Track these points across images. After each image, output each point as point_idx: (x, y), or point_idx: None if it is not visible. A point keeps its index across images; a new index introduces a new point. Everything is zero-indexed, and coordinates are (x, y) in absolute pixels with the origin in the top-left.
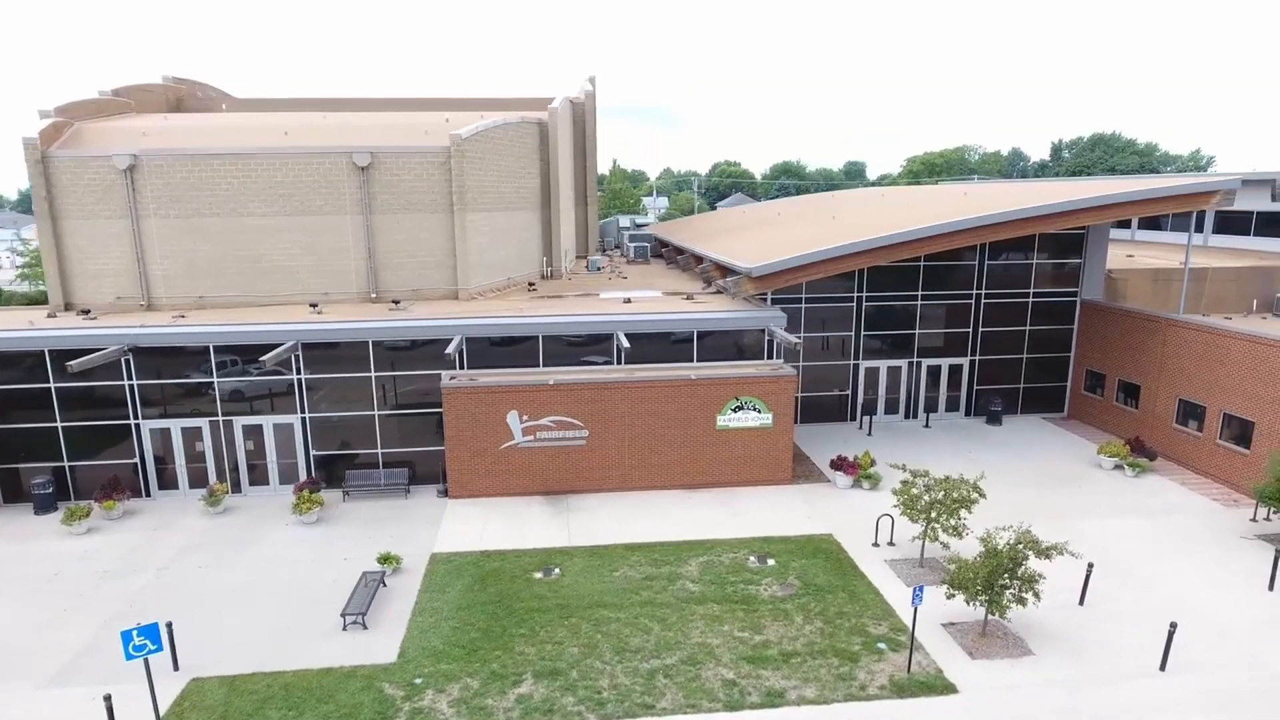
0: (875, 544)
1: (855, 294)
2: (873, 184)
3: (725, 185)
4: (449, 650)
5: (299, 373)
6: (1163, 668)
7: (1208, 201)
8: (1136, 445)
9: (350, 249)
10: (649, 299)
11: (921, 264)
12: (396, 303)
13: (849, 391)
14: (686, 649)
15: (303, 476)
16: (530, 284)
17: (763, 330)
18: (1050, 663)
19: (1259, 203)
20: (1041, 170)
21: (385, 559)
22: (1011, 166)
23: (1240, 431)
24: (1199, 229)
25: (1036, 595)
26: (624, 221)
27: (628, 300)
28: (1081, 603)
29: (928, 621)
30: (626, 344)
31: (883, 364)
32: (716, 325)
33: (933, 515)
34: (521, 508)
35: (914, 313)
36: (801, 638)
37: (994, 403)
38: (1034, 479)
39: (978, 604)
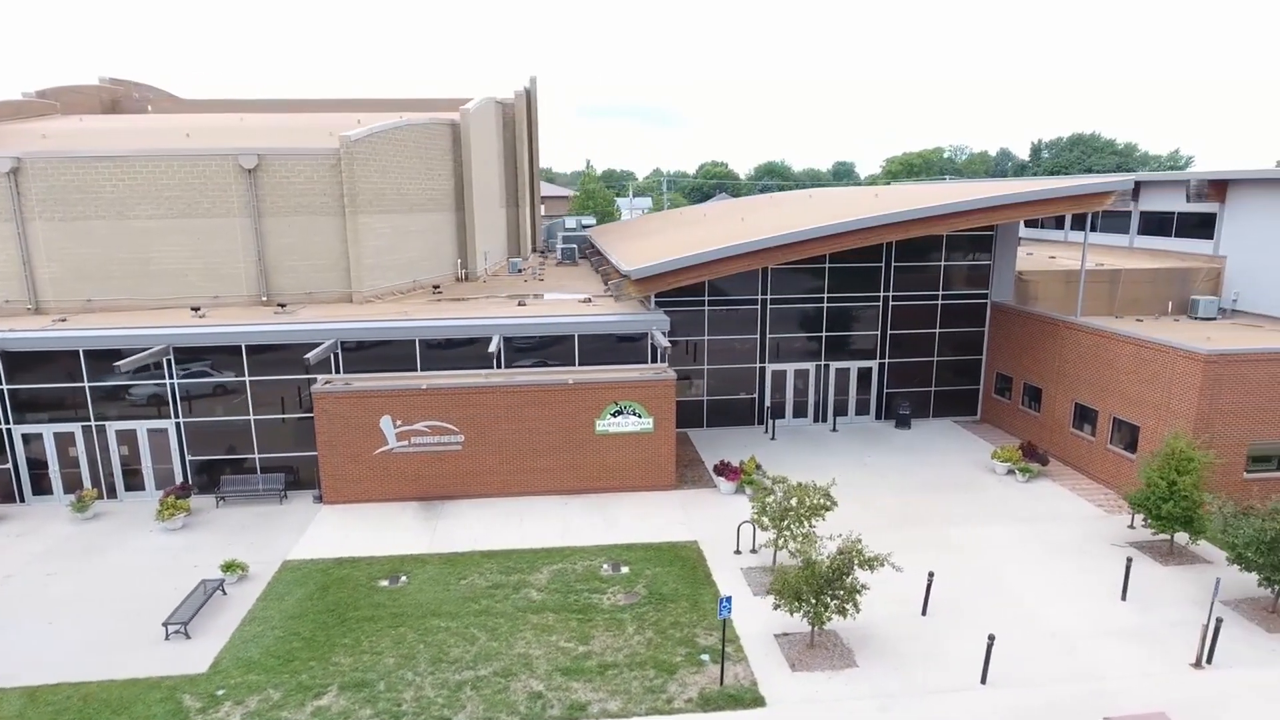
0: (737, 551)
1: (760, 296)
2: (861, 184)
3: (709, 187)
4: (264, 660)
5: (171, 377)
6: (984, 681)
7: (1103, 202)
8: (1028, 450)
9: (239, 252)
10: (549, 302)
11: (827, 266)
12: (283, 306)
13: (756, 395)
14: (506, 660)
15: (179, 482)
16: (436, 286)
17: (656, 334)
18: (871, 675)
19: (1181, 204)
20: (1021, 170)
21: (229, 566)
22: (999, 167)
23: (1129, 436)
24: (1109, 230)
25: (856, 606)
26: (570, 223)
27: (522, 303)
28: (924, 613)
29: (762, 632)
30: (493, 348)
31: (790, 367)
32: (596, 329)
33: (783, 524)
34: (393, 514)
35: (821, 315)
36: (627, 648)
37: (902, 406)
38: (924, 484)
39: (800, 615)
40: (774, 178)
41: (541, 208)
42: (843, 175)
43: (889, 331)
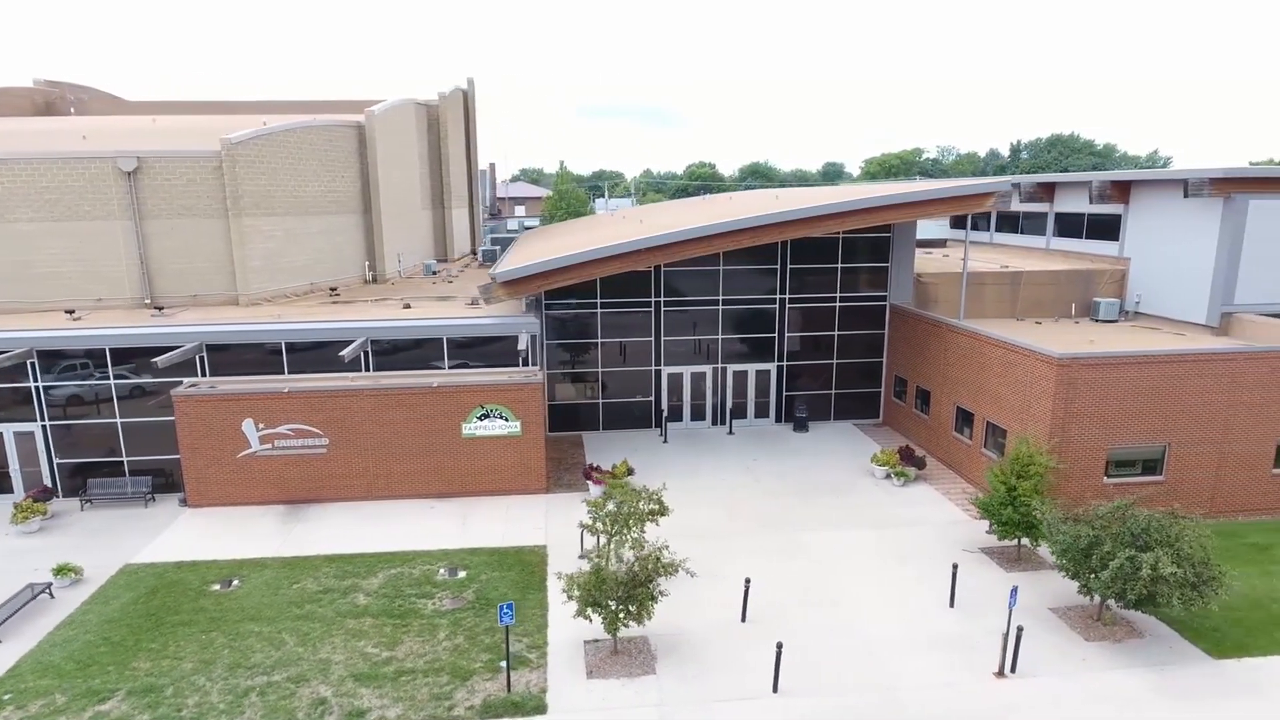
0: (582, 556)
1: (653, 299)
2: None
3: (694, 188)
4: (63, 665)
5: (37, 379)
6: (775, 689)
7: (983, 203)
8: (906, 454)
9: (121, 255)
10: (435, 305)
11: (721, 268)
12: (160, 309)
13: (652, 398)
14: (305, 665)
15: (46, 484)
16: (333, 289)
17: (522, 336)
18: (664, 683)
19: (1098, 206)
20: (1000, 171)
21: (61, 570)
22: (984, 168)
23: (1000, 440)
24: (1031, 232)
25: (649, 613)
26: (512, 225)
27: (407, 306)
28: (744, 620)
29: (574, 639)
30: (346, 352)
31: (686, 370)
32: (464, 332)
33: (613, 530)
34: (253, 517)
35: (716, 318)
36: (431, 654)
37: (800, 409)
38: (799, 488)
39: (599, 622)
40: (758, 179)
41: (482, 209)
42: (833, 176)
43: (787, 334)
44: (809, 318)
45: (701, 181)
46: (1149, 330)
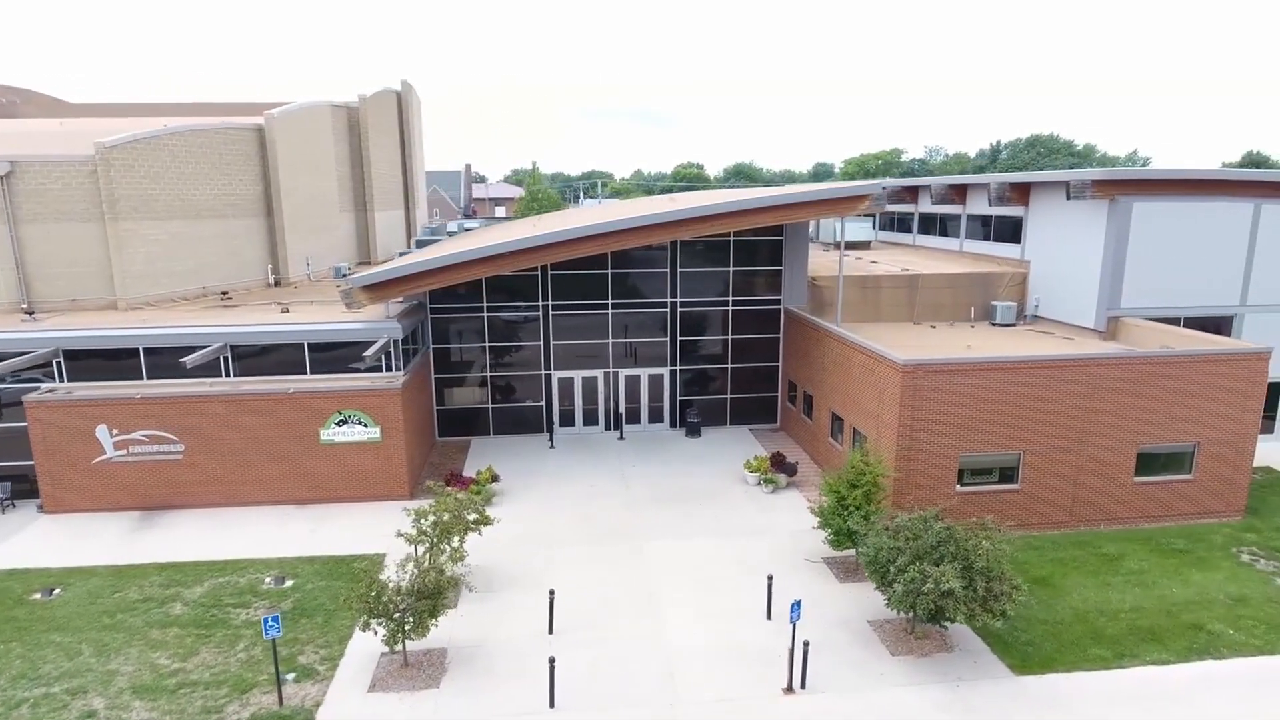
0: (400, 566)
1: (541, 303)
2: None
3: (679, 188)
4: None
5: None
6: (551, 705)
7: (857, 206)
8: (776, 461)
9: None
10: (315, 308)
11: (609, 272)
12: (31, 314)
13: (543, 402)
14: (90, 677)
15: None
16: (224, 293)
17: (379, 342)
18: (443, 697)
19: (1000, 208)
20: (979, 170)
21: None
22: (967, 167)
23: (864, 446)
24: (950, 235)
25: (425, 628)
26: (452, 226)
27: (285, 310)
28: (551, 631)
29: (372, 651)
30: (190, 359)
31: (577, 374)
32: (323, 336)
33: (435, 538)
34: (107, 524)
35: (606, 321)
36: (221, 666)
37: (692, 414)
38: (667, 495)
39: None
40: (742, 179)
41: (418, 210)
42: (823, 175)
43: (679, 338)
44: (702, 322)
45: (687, 182)
46: (1040, 334)
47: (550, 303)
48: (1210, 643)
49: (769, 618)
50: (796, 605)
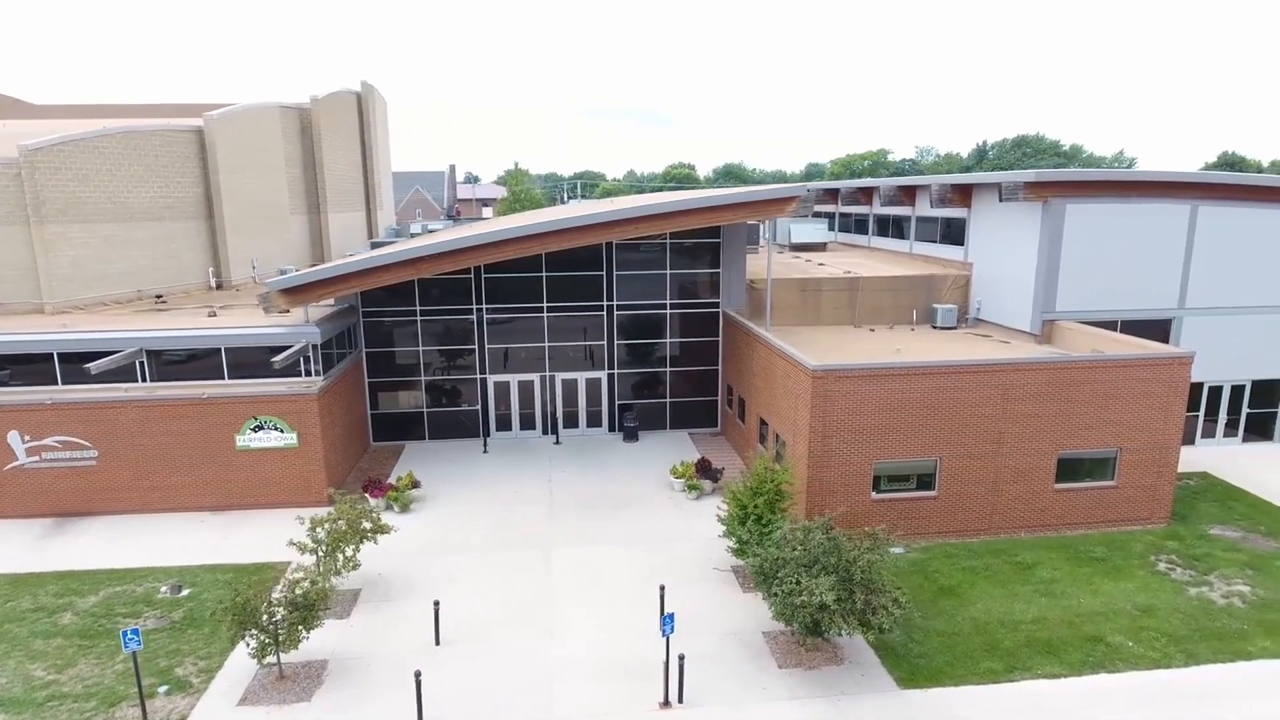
0: (291, 577)
1: (475, 306)
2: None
3: (668, 189)
4: None
5: None
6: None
7: (785, 208)
8: (702, 467)
9: None
10: (241, 313)
11: (544, 275)
12: None
13: (479, 407)
14: None
15: None
16: (158, 296)
17: (295, 347)
18: (311, 711)
19: (944, 210)
20: (965, 170)
21: None
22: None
23: (784, 452)
24: (900, 236)
25: (294, 643)
26: (415, 228)
27: (212, 314)
28: (437, 643)
29: (252, 663)
30: (94, 365)
31: (513, 378)
32: (240, 341)
33: (328, 547)
34: (16, 531)
35: (542, 325)
36: (95, 678)
37: (628, 418)
38: (590, 501)
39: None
40: (731, 179)
41: (382, 211)
42: (815, 175)
43: (617, 341)
44: (640, 325)
45: (677, 183)
46: (979, 338)
47: (484, 306)
48: (1107, 655)
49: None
50: (669, 619)
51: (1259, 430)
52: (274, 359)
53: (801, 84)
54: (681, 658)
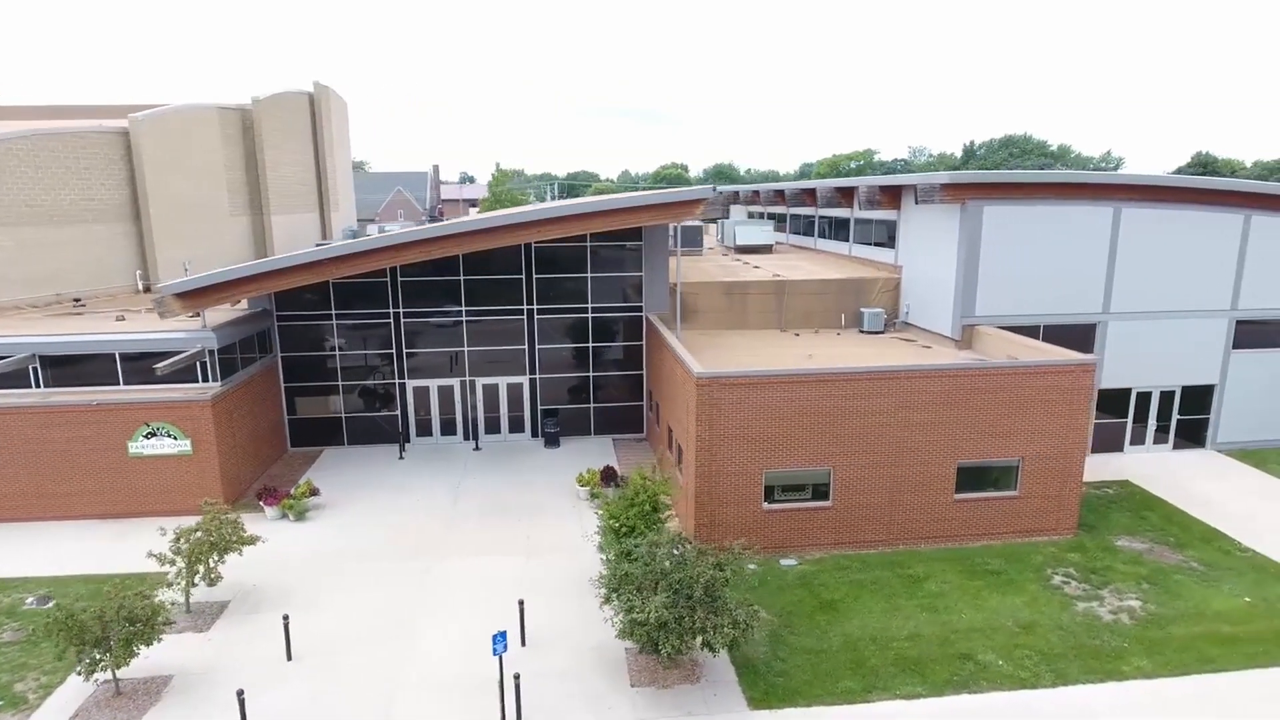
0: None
1: (391, 310)
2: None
3: (659, 189)
4: None
5: None
6: None
7: (692, 211)
8: (607, 475)
9: None
10: (149, 318)
11: (462, 279)
12: None
13: (398, 412)
14: None
15: None
16: (76, 300)
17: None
18: None
19: (875, 212)
20: (952, 169)
21: None
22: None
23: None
24: (840, 239)
25: (124, 660)
26: (372, 230)
27: (120, 318)
28: (289, 658)
29: (98, 676)
30: None
31: (433, 383)
32: (136, 347)
33: (192, 557)
34: None
35: (461, 329)
36: None
37: (549, 424)
38: (492, 510)
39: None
40: (722, 179)
41: (337, 212)
42: (807, 175)
43: (538, 346)
44: (561, 329)
45: (668, 183)
46: (903, 342)
47: (402, 310)
48: (974, 674)
49: (523, 644)
50: (500, 636)
51: (1190, 437)
52: (156, 365)
53: (802, 84)
54: (517, 677)
